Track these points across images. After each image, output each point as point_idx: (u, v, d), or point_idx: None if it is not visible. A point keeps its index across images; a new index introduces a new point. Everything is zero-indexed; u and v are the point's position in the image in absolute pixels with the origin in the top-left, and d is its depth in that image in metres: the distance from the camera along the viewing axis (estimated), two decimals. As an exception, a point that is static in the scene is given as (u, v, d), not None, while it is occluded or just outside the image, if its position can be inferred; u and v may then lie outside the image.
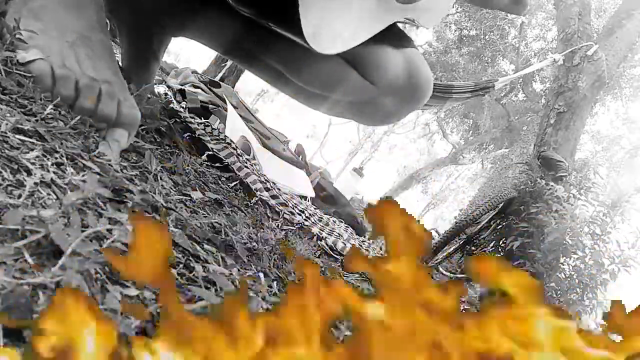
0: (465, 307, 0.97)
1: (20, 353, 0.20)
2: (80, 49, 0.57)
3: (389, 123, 1.05)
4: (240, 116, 1.91)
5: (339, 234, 1.31)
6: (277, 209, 1.00)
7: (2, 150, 0.38)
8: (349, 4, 0.77)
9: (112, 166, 0.51)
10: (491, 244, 3.27)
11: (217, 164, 0.96)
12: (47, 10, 0.56)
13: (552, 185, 2.70)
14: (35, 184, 0.37)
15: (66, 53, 0.56)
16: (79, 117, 0.53)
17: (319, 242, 1.02)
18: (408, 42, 0.93)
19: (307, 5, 0.72)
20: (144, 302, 0.33)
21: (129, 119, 0.59)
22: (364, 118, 1.01)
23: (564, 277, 2.56)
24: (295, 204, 1.27)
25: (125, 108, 0.59)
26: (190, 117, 1.09)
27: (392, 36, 0.89)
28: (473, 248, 3.38)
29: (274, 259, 0.63)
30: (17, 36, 0.54)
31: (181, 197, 0.60)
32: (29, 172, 0.38)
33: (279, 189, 1.22)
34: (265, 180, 1.14)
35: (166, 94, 1.31)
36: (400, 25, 0.94)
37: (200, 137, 1.01)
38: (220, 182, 0.90)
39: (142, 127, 0.75)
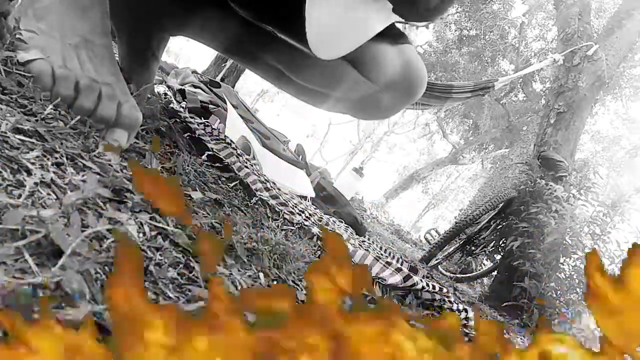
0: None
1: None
2: (82, 52, 0.57)
3: (385, 118, 1.07)
4: (240, 116, 1.90)
5: (339, 234, 1.31)
6: (277, 209, 1.00)
7: (2, 150, 0.38)
8: (351, 9, 0.77)
9: (112, 166, 0.51)
10: (491, 244, 3.27)
11: (217, 164, 0.96)
12: (51, 12, 0.56)
13: (552, 185, 2.70)
14: (35, 184, 0.37)
15: (68, 54, 0.56)
16: (79, 117, 0.53)
17: (319, 242, 1.02)
18: (403, 38, 0.94)
19: (312, 14, 0.72)
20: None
21: (130, 119, 0.59)
22: (361, 113, 1.03)
23: (564, 277, 2.56)
24: (295, 204, 1.27)
25: (126, 109, 0.59)
26: (190, 117, 1.09)
27: (388, 33, 0.89)
28: (473, 248, 3.39)
29: (274, 259, 0.63)
30: (17, 36, 0.54)
31: (181, 197, 0.60)
32: (29, 172, 0.38)
33: (279, 189, 1.22)
34: (265, 180, 1.14)
35: (166, 94, 1.31)
36: (400, 25, 0.94)
37: (200, 137, 1.01)
38: (220, 182, 0.90)
39: (142, 127, 0.75)
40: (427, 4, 0.80)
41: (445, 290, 1.11)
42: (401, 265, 1.48)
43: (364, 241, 1.61)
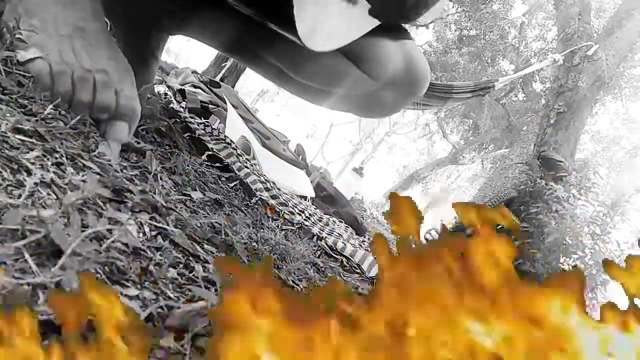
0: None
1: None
2: (76, 41, 0.57)
3: (387, 115, 1.06)
4: (240, 116, 1.90)
5: (339, 234, 1.31)
6: (277, 209, 1.00)
7: (2, 150, 0.38)
8: (342, 2, 0.77)
9: (112, 166, 0.51)
10: (491, 244, 3.27)
11: (217, 164, 0.96)
12: (42, 7, 0.56)
13: (552, 185, 2.70)
14: (35, 184, 0.37)
15: (63, 47, 0.55)
16: (79, 117, 0.53)
17: (319, 242, 1.02)
18: (405, 33, 0.93)
19: (301, 4, 0.72)
20: (144, 302, 0.33)
21: (127, 109, 0.59)
22: (363, 111, 1.02)
23: (564, 277, 2.55)
24: (295, 204, 1.27)
25: (122, 99, 0.58)
26: (190, 117, 1.09)
27: (390, 28, 0.88)
28: (473, 248, 3.38)
29: (274, 259, 0.63)
30: (17, 36, 0.54)
31: (181, 197, 0.60)
32: (29, 172, 0.38)
33: (279, 189, 1.22)
34: (265, 180, 1.14)
35: (166, 94, 1.31)
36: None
37: (200, 137, 1.01)
38: (220, 182, 0.90)
39: (142, 127, 0.75)
40: (402, 4, 0.80)
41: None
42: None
43: (364, 241, 1.61)
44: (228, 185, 0.92)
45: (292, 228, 0.96)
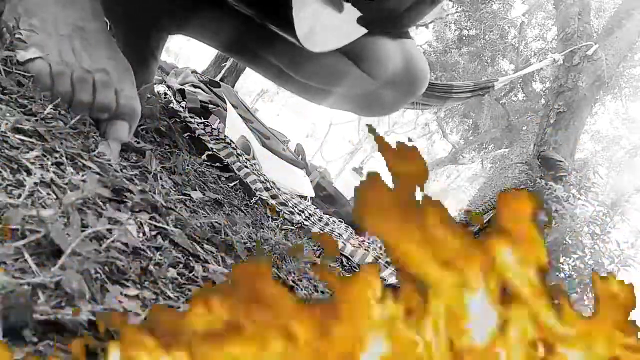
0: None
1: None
2: (76, 41, 0.57)
3: (387, 114, 1.07)
4: (240, 116, 1.90)
5: (339, 234, 1.31)
6: (277, 209, 1.00)
7: (2, 150, 0.38)
8: (327, 8, 0.77)
9: (112, 166, 0.51)
10: (491, 244, 3.27)
11: (217, 164, 0.95)
12: (42, 7, 0.56)
13: (552, 185, 2.70)
14: (35, 184, 0.37)
15: (63, 47, 0.55)
16: (79, 117, 0.53)
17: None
18: (404, 33, 0.93)
19: (299, 5, 0.72)
20: (144, 302, 0.33)
21: (128, 109, 0.59)
22: (364, 110, 1.02)
23: (564, 277, 2.56)
24: (295, 204, 1.27)
25: (123, 99, 0.58)
26: (190, 117, 1.09)
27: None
28: (473, 248, 3.39)
29: (274, 259, 0.63)
30: (17, 36, 0.54)
31: (181, 197, 0.60)
32: (29, 172, 0.38)
33: (279, 189, 1.22)
34: (265, 180, 1.14)
35: (166, 94, 1.31)
36: None
37: (200, 137, 1.01)
38: (220, 182, 0.90)
39: (142, 127, 0.75)
40: (394, 14, 0.81)
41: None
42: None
43: (364, 241, 1.61)
44: (228, 185, 0.92)
45: (292, 228, 0.96)
